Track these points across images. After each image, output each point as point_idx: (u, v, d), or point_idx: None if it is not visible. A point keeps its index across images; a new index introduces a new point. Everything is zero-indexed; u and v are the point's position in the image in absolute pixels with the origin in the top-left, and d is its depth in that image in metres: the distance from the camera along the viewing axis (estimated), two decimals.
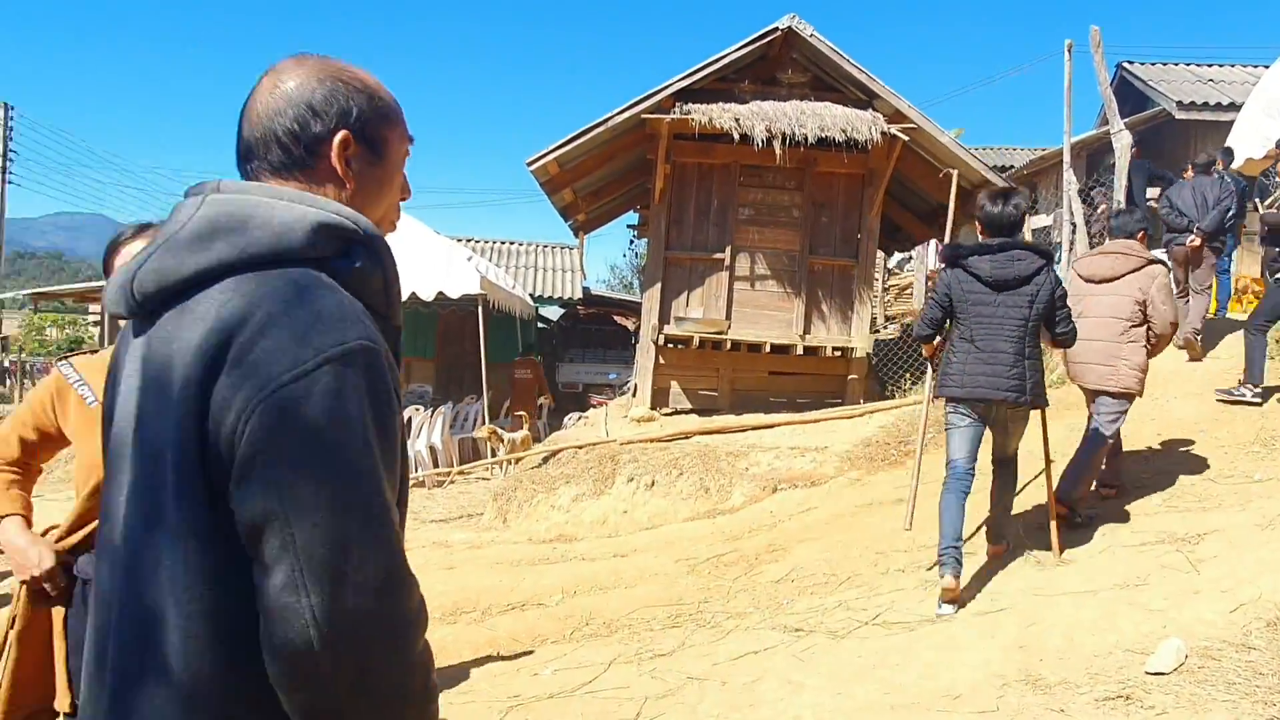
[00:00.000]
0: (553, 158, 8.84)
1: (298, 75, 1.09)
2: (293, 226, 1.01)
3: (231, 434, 0.94)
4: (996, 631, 3.32)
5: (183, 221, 1.04)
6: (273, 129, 1.07)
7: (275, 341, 0.94)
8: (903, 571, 4.37)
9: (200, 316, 0.98)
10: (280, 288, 0.98)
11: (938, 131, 8.98)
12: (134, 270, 1.04)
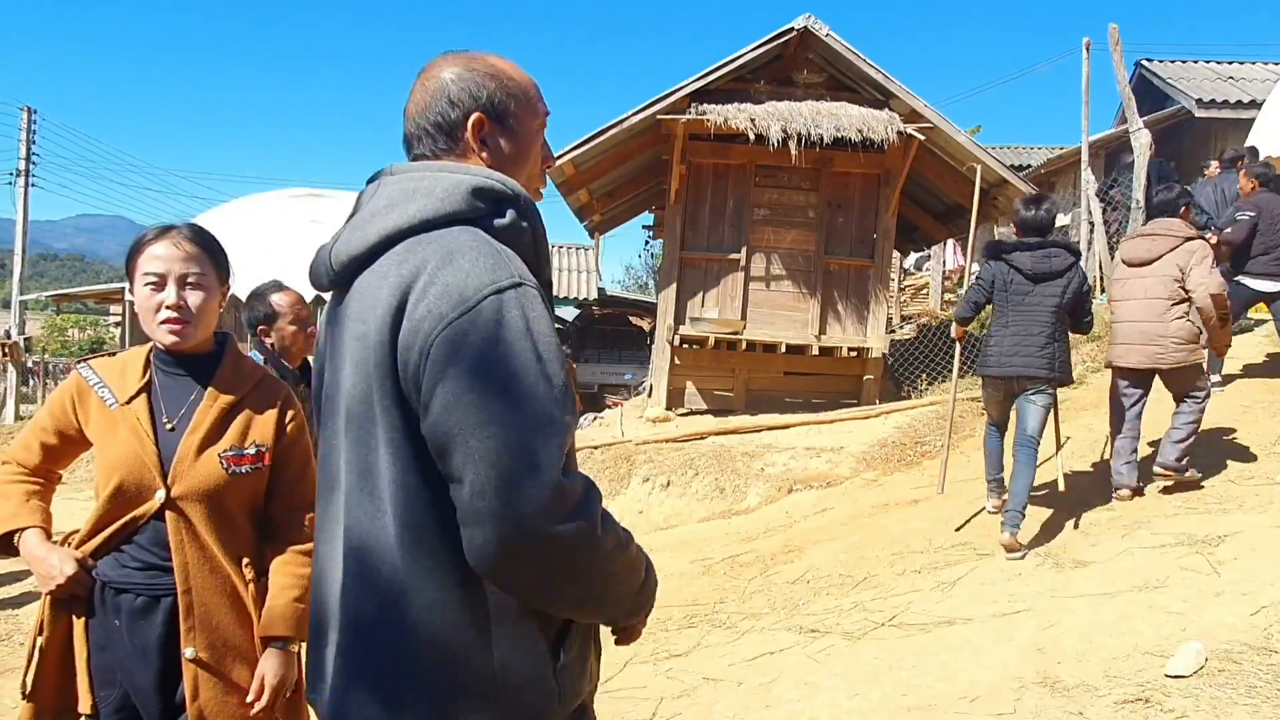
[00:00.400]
0: (568, 159, 8.86)
1: (438, 73, 1.27)
2: (452, 191, 1.17)
3: (416, 371, 1.08)
4: (1014, 633, 3.30)
5: (365, 203, 1.24)
6: (422, 124, 1.26)
7: (444, 286, 1.08)
8: (919, 573, 4.35)
9: (383, 275, 1.14)
10: (446, 243, 1.13)
11: (954, 131, 8.94)
12: (330, 246, 1.23)
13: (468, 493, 1.04)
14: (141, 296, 1.79)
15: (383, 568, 1.13)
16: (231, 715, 1.76)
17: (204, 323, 1.83)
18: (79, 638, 1.76)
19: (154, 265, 1.78)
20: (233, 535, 1.81)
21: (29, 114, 22.82)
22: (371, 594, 1.14)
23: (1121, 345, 4.78)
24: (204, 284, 1.82)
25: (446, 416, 1.05)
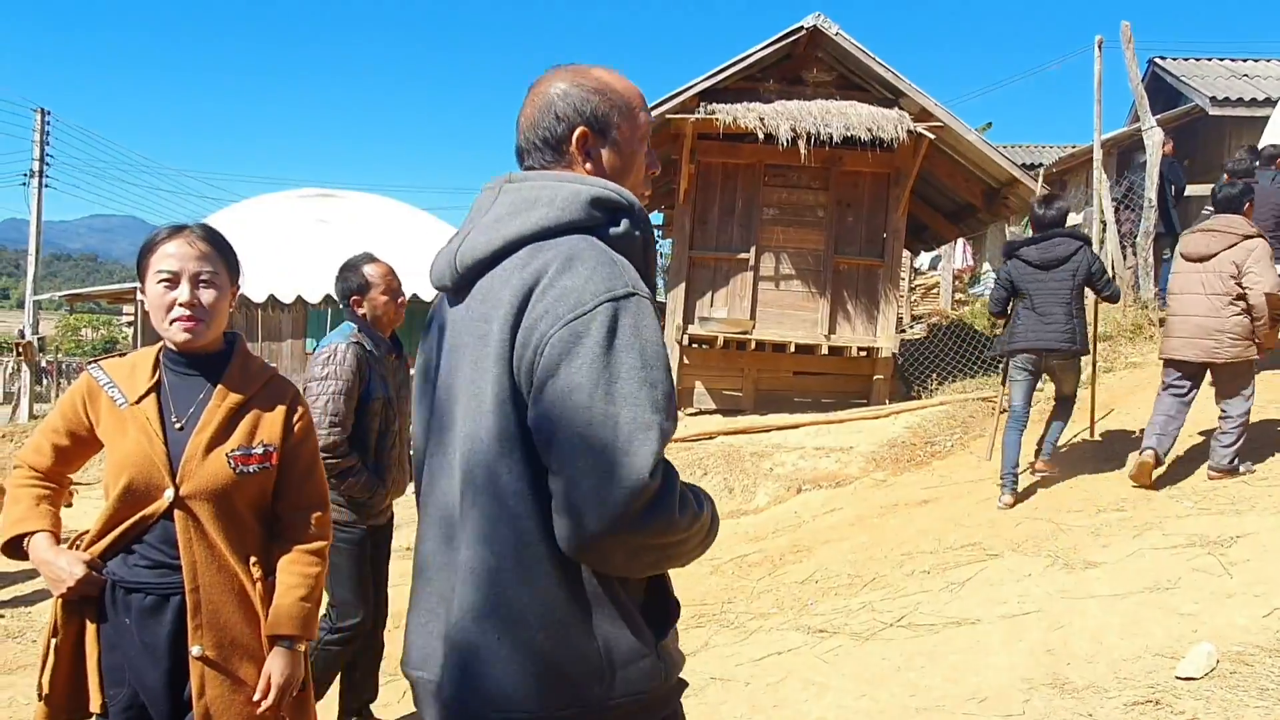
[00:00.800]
0: None
1: (546, 89, 1.35)
2: (571, 200, 1.26)
3: (529, 366, 1.17)
4: (1023, 634, 3.28)
5: (485, 208, 1.32)
6: (532, 138, 1.34)
7: (562, 289, 1.17)
8: (928, 573, 4.33)
9: (505, 278, 1.23)
10: (565, 249, 1.21)
11: (965, 130, 8.90)
12: (456, 249, 1.31)
13: (564, 485, 1.13)
14: (154, 294, 1.80)
15: (496, 555, 1.21)
16: (238, 713, 1.76)
17: (216, 321, 1.84)
18: (90, 638, 1.77)
19: (167, 263, 1.79)
20: (240, 534, 1.81)
21: (42, 116, 22.99)
22: (485, 579, 1.22)
23: (1177, 339, 4.88)
24: (216, 283, 1.83)
25: (553, 411, 1.14)
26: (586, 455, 1.11)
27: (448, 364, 1.32)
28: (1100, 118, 10.45)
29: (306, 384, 3.08)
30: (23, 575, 6.49)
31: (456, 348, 1.30)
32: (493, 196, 1.33)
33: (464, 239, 1.31)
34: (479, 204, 1.35)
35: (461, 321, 1.29)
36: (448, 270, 1.33)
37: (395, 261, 10.67)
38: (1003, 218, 11.14)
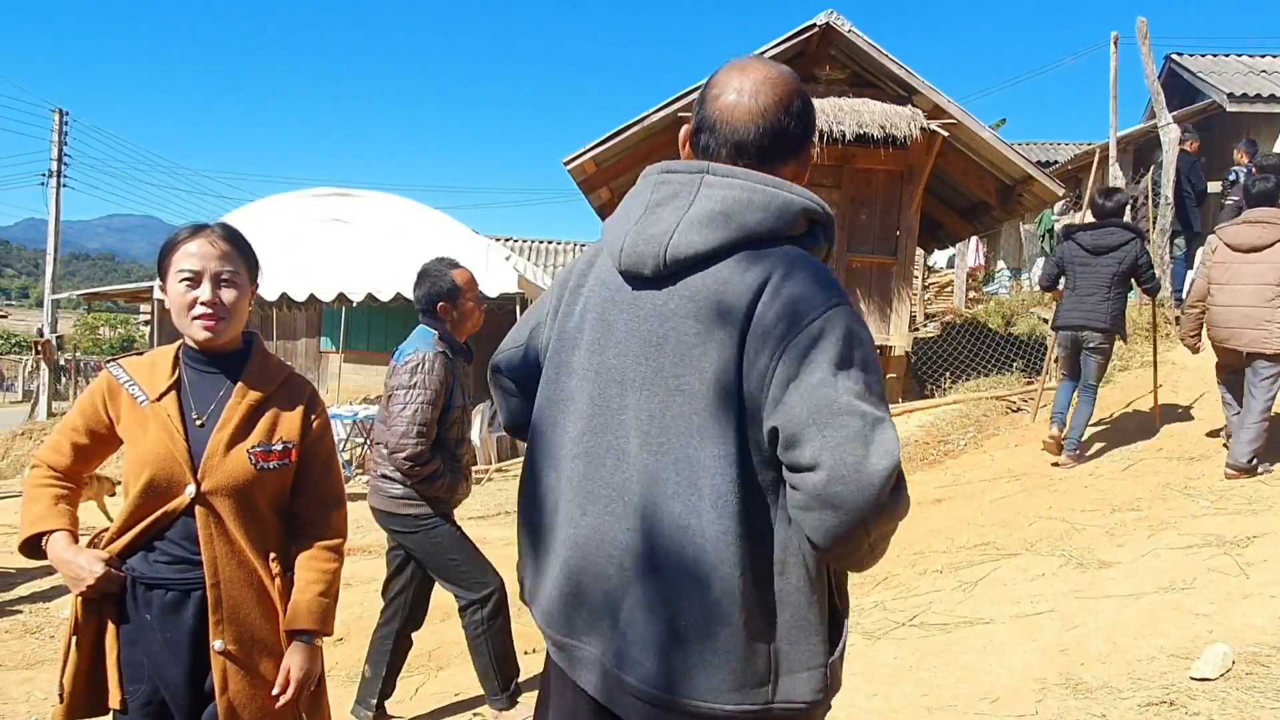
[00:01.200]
0: (589, 157, 8.87)
1: (786, 88, 1.35)
2: (785, 210, 1.29)
3: (764, 371, 1.22)
4: (1037, 634, 3.26)
5: (686, 197, 1.32)
6: (747, 133, 1.33)
7: (790, 297, 1.22)
8: (940, 572, 4.32)
9: (723, 280, 1.26)
10: (784, 259, 1.26)
11: (979, 127, 8.85)
12: (665, 239, 1.29)
13: (823, 478, 1.16)
14: (176, 293, 1.81)
15: (693, 545, 1.24)
16: (259, 708, 1.78)
17: (236, 320, 1.86)
18: (110, 635, 1.79)
19: (189, 262, 1.80)
20: (260, 530, 1.83)
21: (60, 116, 23.18)
22: (674, 567, 1.25)
23: (1226, 329, 5.00)
24: (237, 282, 1.85)
25: (803, 408, 1.18)
26: (843, 448, 1.15)
27: (620, 347, 1.33)
28: (1116, 115, 10.38)
29: (392, 390, 3.07)
30: (41, 572, 6.56)
31: (642, 335, 1.31)
32: (691, 187, 1.32)
33: (673, 227, 1.30)
34: (667, 188, 1.34)
35: (658, 313, 1.30)
36: (650, 259, 1.31)
37: (412, 261, 10.72)
38: (1017, 215, 11.07)
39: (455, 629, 4.71)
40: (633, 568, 1.29)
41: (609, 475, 1.33)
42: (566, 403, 1.40)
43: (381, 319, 18.24)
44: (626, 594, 1.30)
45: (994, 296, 15.80)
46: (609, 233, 1.41)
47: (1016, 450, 6.83)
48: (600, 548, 1.33)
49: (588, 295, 1.42)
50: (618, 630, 1.31)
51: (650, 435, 1.29)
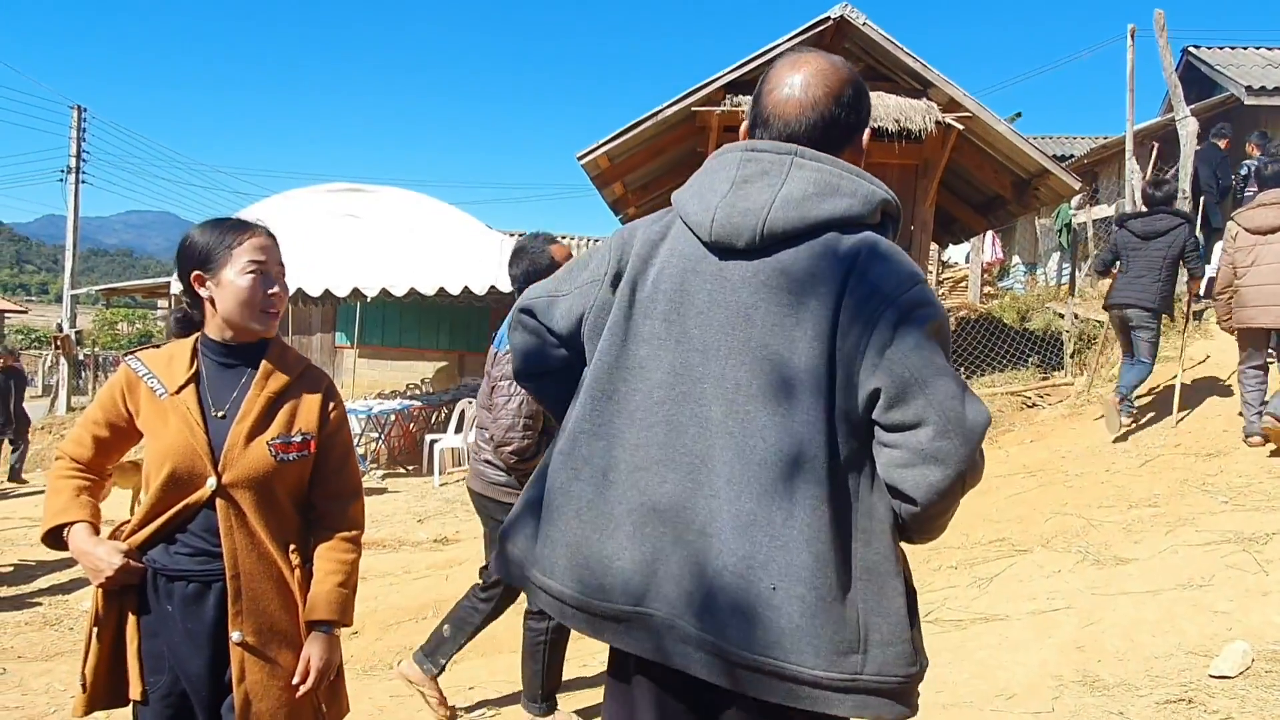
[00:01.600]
0: (603, 151, 8.86)
1: (843, 79, 1.42)
2: (869, 199, 1.37)
3: (860, 336, 1.29)
4: (1053, 631, 3.24)
5: (778, 176, 1.37)
6: (820, 118, 1.40)
7: (880, 273, 1.30)
8: (955, 569, 4.30)
9: (816, 256, 1.33)
10: (868, 241, 1.34)
11: (994, 120, 8.80)
12: (764, 215, 1.35)
13: (930, 434, 1.26)
14: (243, 285, 1.82)
15: (782, 510, 1.28)
16: (277, 698, 1.78)
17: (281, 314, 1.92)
18: (130, 626, 1.80)
19: (259, 255, 1.84)
20: (280, 522, 1.84)
21: (79, 112, 23.35)
22: (764, 532, 1.29)
23: (1252, 308, 5.24)
24: (283, 277, 1.91)
25: (904, 372, 1.27)
26: (947, 405, 1.26)
27: (703, 317, 1.37)
28: (1133, 108, 10.29)
29: (496, 381, 2.99)
30: (60, 564, 6.62)
31: (729, 305, 1.36)
32: (781, 166, 1.37)
33: (769, 206, 1.35)
34: (755, 165, 1.39)
35: (748, 284, 1.35)
36: (747, 231, 1.35)
37: (425, 256, 10.72)
38: (1032, 209, 11.00)
39: None
40: (718, 534, 1.31)
41: (691, 443, 1.35)
42: (634, 370, 1.41)
43: (395, 314, 18.31)
44: (710, 559, 1.31)
45: (1009, 291, 15.70)
46: (689, 204, 1.43)
47: (1032, 446, 6.79)
48: (681, 515, 1.34)
49: (662, 265, 1.43)
50: (702, 595, 1.32)
51: (736, 404, 1.32)
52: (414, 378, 17.53)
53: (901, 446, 1.28)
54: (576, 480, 1.43)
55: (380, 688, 3.85)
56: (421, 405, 12.13)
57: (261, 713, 1.76)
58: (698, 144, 9.23)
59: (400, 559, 6.29)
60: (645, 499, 1.37)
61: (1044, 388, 8.75)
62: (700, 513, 1.33)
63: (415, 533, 7.15)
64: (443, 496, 8.76)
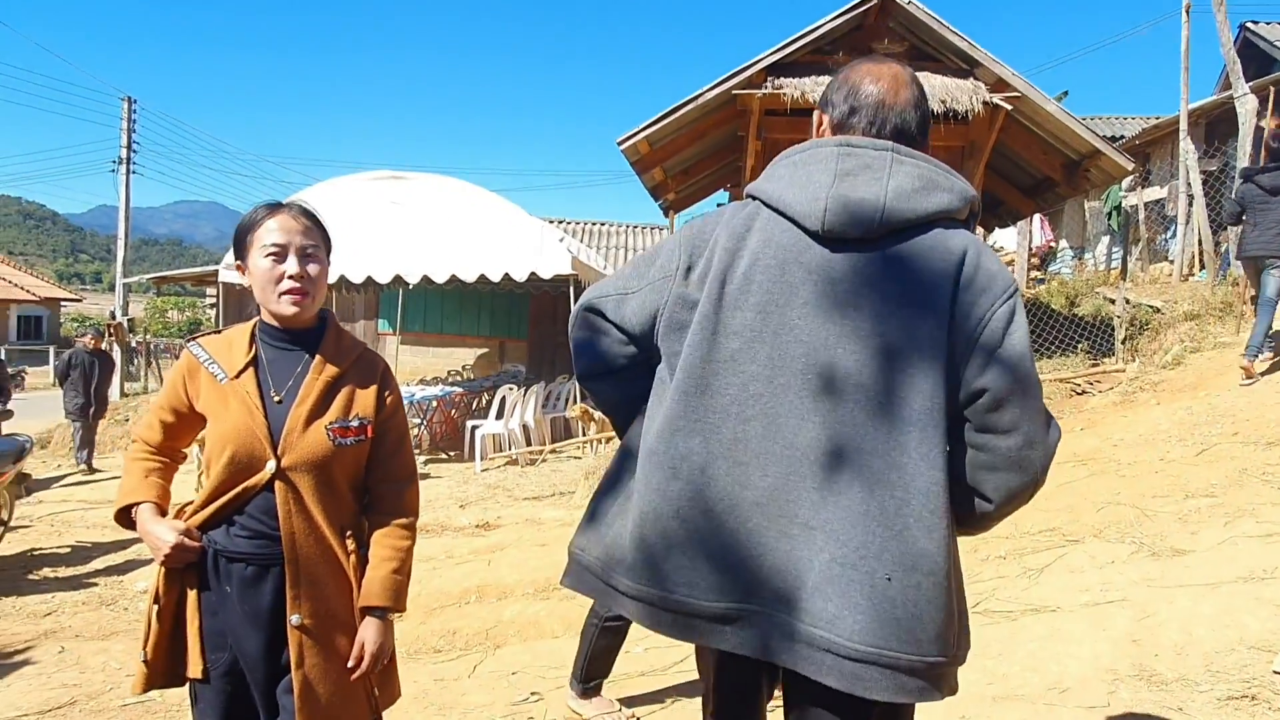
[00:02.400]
0: (643, 136, 8.81)
1: (912, 81, 1.52)
2: (963, 195, 1.43)
3: (971, 335, 1.34)
4: (1107, 624, 3.16)
5: (881, 170, 1.41)
6: (911, 121, 1.48)
7: (990, 273, 1.37)
8: (1004, 558, 4.22)
9: (927, 248, 1.38)
10: (970, 239, 1.41)
11: (1044, 100, 8.58)
12: (881, 205, 1.38)
13: (1020, 442, 1.33)
14: (263, 268, 1.82)
15: (893, 504, 1.30)
16: (334, 682, 1.80)
17: (319, 294, 1.88)
18: (191, 605, 1.82)
19: (275, 237, 1.81)
20: (337, 506, 1.84)
21: (129, 104, 23.82)
22: (878, 523, 1.30)
23: None
24: (319, 256, 1.87)
25: (1009, 375, 1.32)
26: (1038, 416, 1.34)
27: (806, 308, 1.38)
28: (1187, 86, 9.98)
29: None
30: (115, 546, 6.80)
31: (837, 294, 1.37)
32: (885, 162, 1.42)
33: (884, 197, 1.38)
34: (860, 161, 1.42)
35: (859, 273, 1.38)
36: (864, 221, 1.38)
37: (466, 243, 10.77)
38: (1082, 191, 10.73)
39: (511, 608, 4.76)
40: (823, 526, 1.32)
41: (791, 435, 1.35)
42: (726, 364, 1.40)
43: (437, 301, 18.47)
44: (817, 552, 1.32)
45: (1056, 276, 15.37)
46: (787, 195, 1.43)
47: (1082, 434, 6.64)
48: (785, 508, 1.35)
49: (754, 257, 1.42)
50: (810, 589, 1.32)
51: (845, 394, 1.33)
52: (455, 364, 17.69)
53: (990, 450, 1.35)
54: (675, 479, 1.40)
55: (424, 671, 3.89)
56: (463, 391, 12.22)
57: (320, 696, 1.77)
58: (738, 128, 9.14)
59: (443, 544, 6.35)
60: (746, 494, 1.36)
61: (1094, 374, 8.55)
62: (804, 505, 1.33)
63: (457, 518, 7.21)
64: (484, 482, 8.82)
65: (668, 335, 1.48)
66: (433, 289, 12.20)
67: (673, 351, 1.47)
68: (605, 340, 1.57)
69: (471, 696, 3.53)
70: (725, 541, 1.36)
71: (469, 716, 3.31)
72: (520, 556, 5.72)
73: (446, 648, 4.28)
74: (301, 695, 1.75)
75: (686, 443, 1.40)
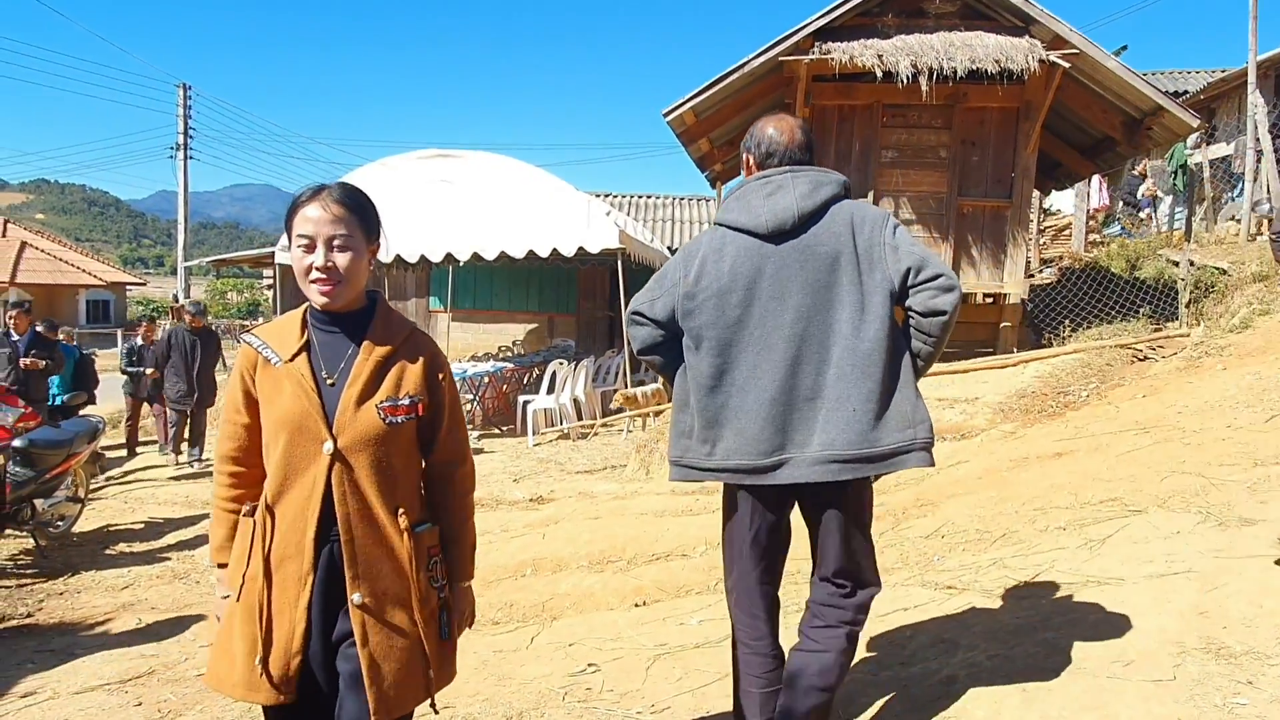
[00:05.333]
0: (689, 107, 8.73)
1: (801, 125, 2.44)
2: (840, 183, 2.34)
3: (873, 250, 2.24)
4: (1172, 595, 3.09)
5: (790, 186, 2.30)
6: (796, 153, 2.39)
7: (867, 216, 2.29)
8: (1063, 529, 4.14)
9: (830, 221, 2.27)
10: (851, 204, 2.33)
11: (1103, 56, 8.28)
12: (794, 207, 2.26)
13: (946, 279, 2.20)
14: (295, 258, 1.87)
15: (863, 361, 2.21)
16: (398, 659, 1.85)
17: (353, 282, 1.88)
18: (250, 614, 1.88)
19: (304, 228, 1.84)
20: (390, 485, 1.87)
21: (184, 90, 24.30)
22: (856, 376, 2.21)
23: None
24: (351, 245, 1.86)
25: (912, 258, 2.21)
26: (942, 266, 2.22)
27: (773, 277, 2.26)
28: (1255, 36, 9.54)
29: None
30: (185, 521, 7.04)
31: (791, 263, 2.25)
32: (792, 178, 2.31)
33: (790, 200, 2.27)
34: (775, 184, 2.31)
35: (798, 249, 2.25)
36: (789, 219, 2.26)
37: (514, 219, 10.81)
38: (1144, 150, 10.37)
39: (567, 580, 4.83)
40: (818, 395, 2.24)
41: (783, 351, 2.25)
42: (735, 325, 2.28)
43: (486, 277, 18.63)
44: (817, 411, 2.24)
45: (1116, 239, 14.91)
46: (742, 217, 2.32)
47: (1144, 401, 6.46)
48: (792, 394, 2.25)
49: (732, 259, 2.29)
50: (817, 430, 2.22)
51: (810, 319, 2.24)
52: (505, 340, 17.84)
53: (933, 287, 2.19)
54: (730, 398, 2.28)
55: (483, 643, 3.97)
56: (514, 367, 12.34)
57: (386, 674, 1.82)
58: (785, 95, 9.00)
59: (498, 518, 6.45)
60: (766, 394, 2.25)
61: (1156, 339, 8.31)
62: (802, 390, 2.25)
63: (511, 492, 7.31)
64: (537, 456, 8.92)
65: (684, 320, 2.35)
66: (482, 266, 12.30)
67: (690, 328, 2.34)
68: (647, 329, 2.43)
69: (529, 668, 3.59)
70: (764, 424, 2.24)
71: (528, 687, 3.37)
72: (574, 530, 5.79)
73: (504, 619, 4.36)
74: (371, 673, 1.80)
75: (728, 378, 2.29)
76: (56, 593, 5.36)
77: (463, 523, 2.02)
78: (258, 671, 1.83)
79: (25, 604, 5.11)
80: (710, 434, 2.29)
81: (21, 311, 7.53)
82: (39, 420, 6.35)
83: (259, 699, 1.84)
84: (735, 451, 2.25)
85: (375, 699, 1.80)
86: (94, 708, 3.59)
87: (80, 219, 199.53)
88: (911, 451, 2.22)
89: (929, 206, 8.90)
